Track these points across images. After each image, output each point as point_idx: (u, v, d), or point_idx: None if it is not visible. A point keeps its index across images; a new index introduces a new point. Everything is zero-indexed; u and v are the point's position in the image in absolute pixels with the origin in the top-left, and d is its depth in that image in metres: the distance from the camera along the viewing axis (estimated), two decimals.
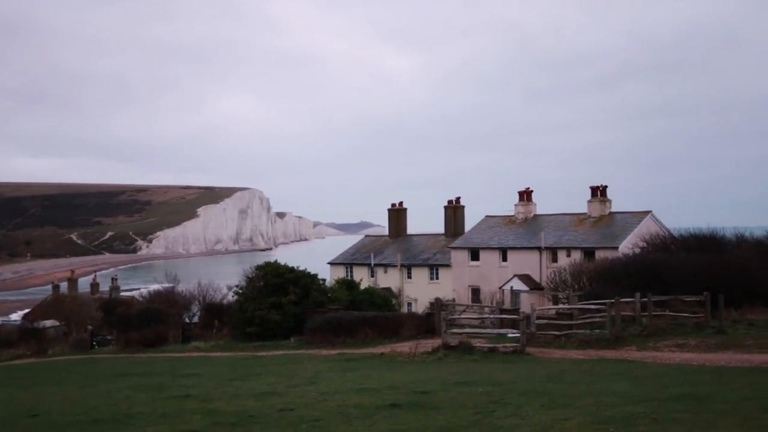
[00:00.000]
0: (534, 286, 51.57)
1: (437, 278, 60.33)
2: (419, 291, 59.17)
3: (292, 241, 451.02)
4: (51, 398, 20.40)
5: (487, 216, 61.57)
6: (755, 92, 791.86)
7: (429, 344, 29.02)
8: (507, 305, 45.82)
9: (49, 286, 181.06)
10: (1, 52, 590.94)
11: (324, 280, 45.17)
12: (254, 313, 40.88)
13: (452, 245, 59.07)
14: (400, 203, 70.20)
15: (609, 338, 27.30)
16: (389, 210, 69.81)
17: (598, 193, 54.88)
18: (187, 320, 53.34)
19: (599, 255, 46.93)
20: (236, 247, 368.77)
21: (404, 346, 30.73)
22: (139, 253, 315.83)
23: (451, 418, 13.18)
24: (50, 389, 23.41)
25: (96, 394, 20.67)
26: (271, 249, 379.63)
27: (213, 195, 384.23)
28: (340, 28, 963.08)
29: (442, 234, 65.42)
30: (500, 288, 52.17)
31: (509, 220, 59.19)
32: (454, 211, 65.15)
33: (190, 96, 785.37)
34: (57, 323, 60.80)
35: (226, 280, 61.68)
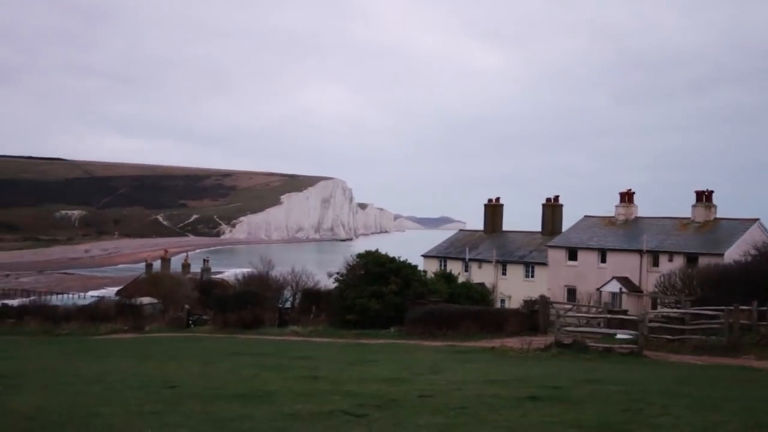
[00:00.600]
0: (633, 289, 50.83)
1: (533, 276, 59.92)
2: (513, 288, 58.87)
3: (372, 233, 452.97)
4: (177, 372, 20.82)
5: (585, 216, 60.87)
6: None
7: (538, 341, 28.84)
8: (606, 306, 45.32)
9: (139, 264, 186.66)
10: (97, 35, 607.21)
11: (425, 271, 45.27)
12: (354, 300, 41.23)
13: (550, 244, 58.59)
14: (497, 199, 70.04)
15: (725, 345, 26.76)
16: (485, 205, 69.66)
17: (704, 198, 53.78)
18: (281, 305, 54.07)
19: (703, 261, 45.99)
20: (317, 236, 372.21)
21: (510, 342, 30.68)
22: (222, 237, 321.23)
23: (601, 414, 13.07)
24: (170, 364, 23.92)
25: (221, 371, 21.08)
26: (351, 239, 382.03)
27: (297, 183, 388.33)
28: (430, 22, 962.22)
29: (538, 232, 64.98)
30: (598, 289, 51.57)
31: (609, 221, 58.41)
32: (552, 209, 64.63)
33: (278, 84, 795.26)
34: (154, 300, 62.28)
35: (311, 267, 62.15)
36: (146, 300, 61.63)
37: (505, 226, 71.32)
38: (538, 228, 68.54)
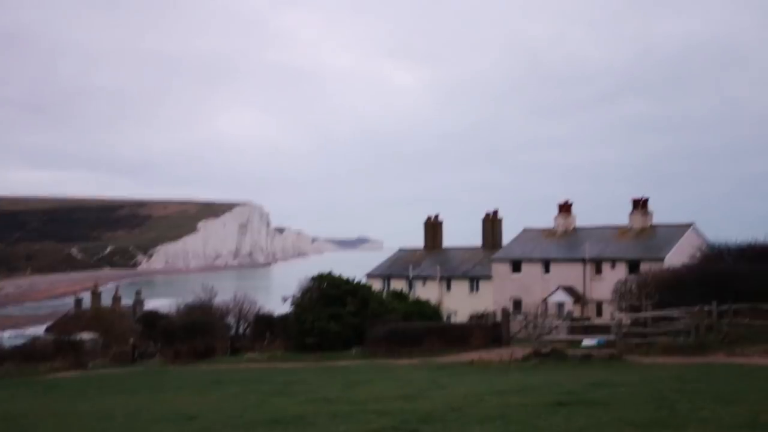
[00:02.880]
0: (578, 297, 52.19)
1: (477, 290, 60.82)
2: (459, 303, 59.67)
3: (291, 257, 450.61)
4: (179, 404, 20.77)
5: (525, 229, 62.13)
6: (760, 108, 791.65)
7: (507, 353, 29.55)
8: (551, 316, 46.48)
9: (60, 300, 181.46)
10: (4, 64, 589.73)
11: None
12: (313, 323, 41.39)
13: (494, 257, 59.62)
14: (436, 216, 70.78)
15: (693, 345, 27.87)
16: (425, 223, 70.36)
17: (640, 205, 55.59)
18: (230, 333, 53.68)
19: (644, 267, 47.52)
20: (235, 263, 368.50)
21: (477, 355, 31.30)
22: (139, 267, 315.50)
23: (641, 413, 13.68)
24: (164, 396, 23.83)
25: (225, 400, 21.13)
26: (270, 264, 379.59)
27: (213, 209, 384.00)
28: (345, 43, 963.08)
29: (478, 247, 66.02)
30: (544, 300, 52.75)
31: (549, 232, 59.77)
32: (492, 224, 65.79)
33: (190, 110, 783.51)
34: (93, 336, 61.08)
35: (225, 295, 61.79)
36: (86, 335, 60.34)
37: (422, 243, 72.57)
38: (469, 243, 69.96)
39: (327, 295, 42.55)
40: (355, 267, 67.98)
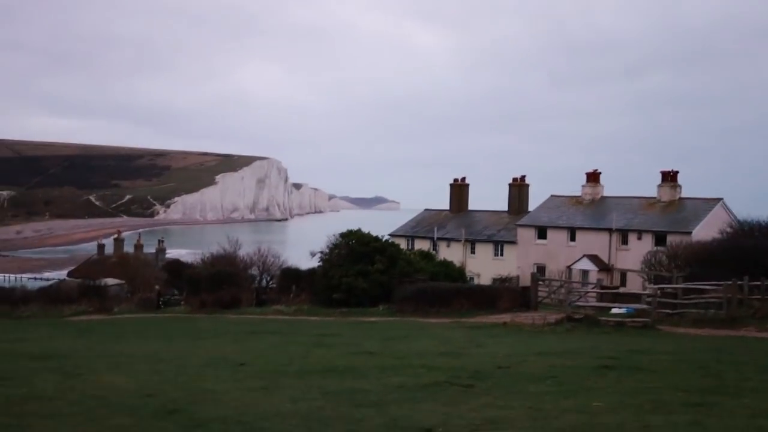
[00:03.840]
0: (603, 266, 52.42)
1: (502, 255, 61.13)
2: (482, 266, 60.04)
3: (307, 213, 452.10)
4: (222, 350, 21.16)
5: (552, 195, 62.26)
6: None
7: (539, 316, 29.84)
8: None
9: (77, 245, 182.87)
10: (27, 11, 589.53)
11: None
12: (341, 279, 41.73)
13: (519, 223, 59.86)
14: (463, 179, 70.98)
15: (724, 318, 28.06)
16: (451, 185, 70.60)
17: (669, 177, 55.53)
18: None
19: (671, 239, 47.62)
20: (252, 216, 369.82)
21: (507, 317, 31.67)
22: (156, 217, 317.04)
23: (690, 380, 13.97)
24: (204, 343, 24.26)
25: (265, 348, 21.55)
26: (286, 219, 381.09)
27: (232, 163, 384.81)
28: (370, 2, 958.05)
29: (504, 211, 66.19)
30: (568, 267, 53.02)
31: (576, 200, 59.87)
32: (518, 189, 65.89)
33: (213, 63, 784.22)
34: (119, 282, 61.69)
35: (243, 247, 62.07)
36: (111, 281, 60.90)
37: (444, 205, 73.04)
38: (488, 208, 70.34)
39: (355, 251, 42.87)
40: (372, 225, 67.97)
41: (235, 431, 9.96)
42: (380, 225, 73.07)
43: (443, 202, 72.05)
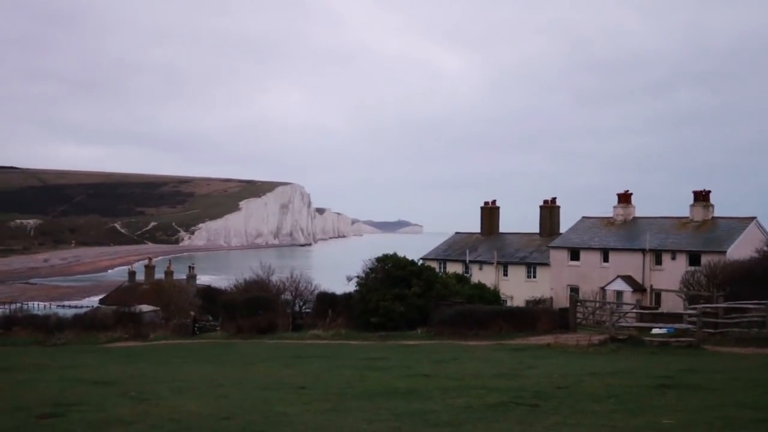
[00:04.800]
0: (637, 287, 52.47)
1: (534, 276, 61.36)
2: (515, 288, 60.25)
3: (330, 238, 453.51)
4: (278, 375, 21.55)
5: (584, 217, 62.47)
6: None
7: (581, 338, 30.05)
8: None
9: (103, 272, 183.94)
10: (55, 39, 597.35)
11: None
12: (378, 303, 42.07)
13: (551, 245, 60.05)
14: (494, 201, 71.35)
15: (767, 337, 28.17)
16: (482, 208, 71.01)
17: (701, 197, 55.64)
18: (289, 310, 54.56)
19: (705, 259, 47.65)
20: (276, 242, 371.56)
21: (549, 339, 31.88)
22: (181, 244, 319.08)
23: (749, 397, 14.20)
24: (256, 367, 24.66)
25: (318, 372, 21.91)
26: (310, 244, 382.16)
27: (255, 189, 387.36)
28: (396, 25, 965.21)
29: (536, 233, 66.47)
30: (602, 288, 53.11)
31: (608, 221, 60.02)
32: (549, 210, 66.17)
33: (239, 89, 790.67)
34: (153, 308, 62.28)
35: (283, 271, 62.72)
36: (146, 308, 61.53)
37: (466, 228, 73.86)
38: (516, 229, 70.67)
39: (392, 275, 43.24)
40: (396, 249, 68.37)
41: None
42: (404, 248, 73.24)
43: (468, 225, 72.81)
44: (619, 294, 52.23)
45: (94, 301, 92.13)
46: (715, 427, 11.25)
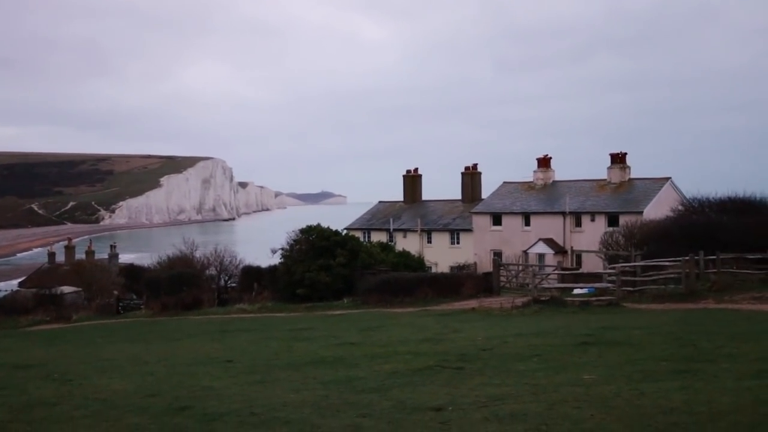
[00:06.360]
0: (558, 249, 53.43)
1: (458, 243, 61.86)
2: (439, 255, 60.73)
3: (254, 211, 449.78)
4: (206, 349, 21.35)
5: (505, 182, 63.20)
6: (732, 65, 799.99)
7: (504, 300, 30.56)
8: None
9: (21, 254, 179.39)
10: None
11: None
12: (304, 275, 42.06)
13: (474, 210, 60.62)
14: (415, 169, 71.59)
15: (683, 293, 29.06)
16: (404, 176, 71.18)
17: (618, 159, 56.76)
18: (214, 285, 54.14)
19: (624, 220, 48.70)
20: (199, 217, 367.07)
21: (472, 303, 32.34)
22: (101, 223, 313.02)
23: (669, 350, 14.68)
24: (183, 343, 24.47)
25: (246, 345, 21.83)
26: (234, 219, 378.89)
27: (175, 165, 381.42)
28: None
29: (458, 200, 66.94)
30: (524, 251, 53.94)
31: (528, 186, 60.86)
32: (471, 177, 66.62)
33: (160, 64, 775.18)
34: (75, 289, 61.05)
35: (203, 248, 62.35)
36: (67, 289, 60.21)
37: (390, 197, 74.57)
38: (441, 197, 71.20)
39: (316, 246, 43.23)
40: (320, 220, 68.12)
41: (252, 422, 10.27)
42: (329, 219, 72.99)
43: (392, 194, 72.86)
44: (541, 257, 53.13)
45: (12, 284, 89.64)
46: (633, 380, 11.57)
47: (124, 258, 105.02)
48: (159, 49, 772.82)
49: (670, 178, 55.12)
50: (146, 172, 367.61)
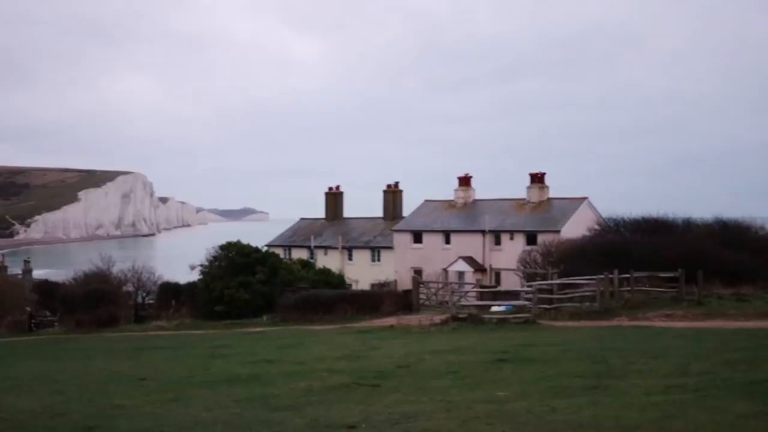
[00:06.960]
0: (478, 267, 54.01)
1: (379, 260, 62.06)
2: (360, 272, 60.77)
3: (174, 227, 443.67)
4: (119, 367, 20.95)
5: (426, 200, 63.76)
6: (652, 91, 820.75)
7: (423, 318, 30.68)
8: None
9: None
10: None
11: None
12: (222, 291, 41.69)
13: (395, 228, 60.94)
14: (337, 187, 71.63)
15: (599, 310, 29.61)
16: (326, 194, 71.20)
17: (537, 179, 57.75)
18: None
19: (542, 238, 49.51)
20: (118, 233, 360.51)
21: (391, 321, 32.37)
22: (16, 237, 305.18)
23: (581, 367, 14.90)
24: (96, 360, 23.93)
25: (161, 363, 21.48)
26: (154, 234, 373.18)
27: (94, 179, 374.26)
28: (246, 8, 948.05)
29: (380, 218, 67.19)
30: (444, 269, 54.34)
31: (449, 204, 61.47)
32: (393, 195, 66.99)
33: (81, 75, 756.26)
34: None
35: (121, 264, 61.41)
36: None
37: (312, 214, 74.82)
38: (364, 215, 71.39)
39: (236, 263, 42.91)
40: (241, 237, 67.60)
41: None
42: (250, 236, 72.35)
43: (314, 211, 72.71)
44: (461, 274, 53.62)
45: None
46: (546, 397, 11.71)
47: (39, 273, 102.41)
48: (80, 59, 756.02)
49: (587, 197, 56.34)
50: (64, 186, 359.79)
